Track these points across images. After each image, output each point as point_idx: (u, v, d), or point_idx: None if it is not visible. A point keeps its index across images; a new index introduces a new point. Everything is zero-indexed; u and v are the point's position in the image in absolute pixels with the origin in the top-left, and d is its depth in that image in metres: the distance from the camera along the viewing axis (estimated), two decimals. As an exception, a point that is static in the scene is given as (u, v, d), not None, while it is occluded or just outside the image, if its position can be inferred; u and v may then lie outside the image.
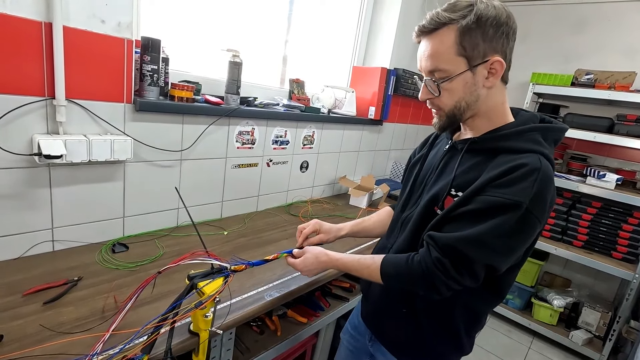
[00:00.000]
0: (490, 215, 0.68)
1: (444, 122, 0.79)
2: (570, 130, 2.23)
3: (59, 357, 0.72)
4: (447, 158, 0.85)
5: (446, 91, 0.74)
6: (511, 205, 0.66)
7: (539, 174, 0.67)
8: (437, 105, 0.78)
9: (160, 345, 0.77)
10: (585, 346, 2.24)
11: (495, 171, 0.70)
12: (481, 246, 0.68)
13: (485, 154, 0.76)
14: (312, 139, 1.89)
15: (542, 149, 0.71)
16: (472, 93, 0.74)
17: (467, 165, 0.78)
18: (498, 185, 0.68)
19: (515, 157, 0.70)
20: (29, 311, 0.84)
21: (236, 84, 1.43)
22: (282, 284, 1.13)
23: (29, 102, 0.95)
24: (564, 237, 2.36)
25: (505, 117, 0.79)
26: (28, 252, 1.06)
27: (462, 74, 0.72)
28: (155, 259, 1.15)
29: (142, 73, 1.18)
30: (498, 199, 0.67)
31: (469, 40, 0.70)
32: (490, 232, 0.67)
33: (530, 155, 0.70)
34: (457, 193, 0.76)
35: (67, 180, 1.08)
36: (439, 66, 0.73)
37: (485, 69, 0.72)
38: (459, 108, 0.75)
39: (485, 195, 0.69)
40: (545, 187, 0.67)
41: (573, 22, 2.51)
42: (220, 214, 1.58)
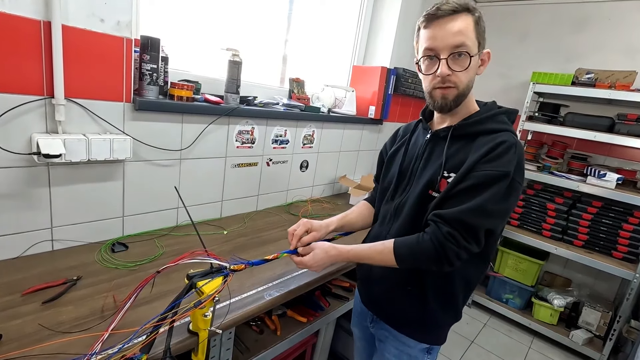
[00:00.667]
0: (486, 187, 0.78)
1: (452, 101, 0.85)
2: (570, 129, 2.25)
3: (58, 357, 0.72)
4: (431, 146, 0.93)
5: (466, 69, 0.82)
6: (501, 175, 0.78)
7: (516, 147, 0.81)
8: (453, 82, 0.83)
9: (159, 345, 0.76)
10: (585, 346, 2.24)
11: (482, 150, 0.81)
12: (483, 214, 0.79)
13: (466, 137, 0.87)
14: (312, 138, 1.89)
15: (510, 128, 0.86)
16: (473, 77, 0.85)
17: (453, 149, 0.87)
18: (487, 160, 0.79)
19: (494, 137, 0.82)
20: (27, 310, 0.84)
21: (236, 83, 1.43)
22: (281, 284, 1.13)
23: (27, 101, 0.95)
24: (565, 236, 2.36)
25: (474, 105, 0.92)
26: (27, 251, 1.06)
27: (476, 56, 0.83)
28: (155, 258, 1.15)
29: (142, 72, 1.17)
30: (490, 172, 0.78)
31: (478, 30, 0.83)
32: (488, 201, 0.78)
33: (505, 133, 0.83)
34: (450, 174, 0.85)
35: (66, 179, 1.08)
36: (466, 42, 0.80)
37: (480, 57, 0.85)
38: (468, 87, 0.85)
39: (479, 171, 0.79)
40: (522, 157, 0.82)
41: (573, 21, 2.51)
42: (220, 214, 1.57)
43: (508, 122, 0.87)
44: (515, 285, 2.55)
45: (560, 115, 2.46)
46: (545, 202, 2.41)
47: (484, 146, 0.81)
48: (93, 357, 0.71)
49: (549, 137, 2.62)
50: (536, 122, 2.40)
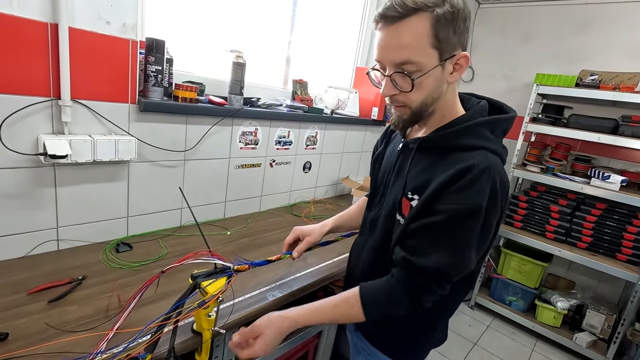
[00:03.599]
0: (458, 227, 0.69)
1: (407, 120, 0.75)
2: (574, 131, 2.24)
3: (64, 356, 0.73)
4: (401, 158, 0.83)
5: (417, 86, 0.69)
6: (472, 211, 0.67)
7: (490, 172, 0.68)
8: (402, 102, 0.73)
9: (163, 345, 0.77)
10: (589, 348, 2.23)
11: (447, 174, 0.69)
12: (459, 263, 0.70)
13: (436, 152, 0.75)
14: (315, 139, 1.89)
15: (489, 145, 0.72)
16: (437, 89, 0.71)
17: (419, 167, 0.77)
18: (454, 191, 0.68)
19: (465, 156, 0.70)
20: (33, 309, 0.85)
21: (240, 84, 1.44)
22: (284, 284, 1.13)
23: (34, 102, 0.96)
24: (568, 238, 2.35)
25: (455, 110, 0.77)
26: (33, 251, 1.07)
27: (433, 69, 0.68)
28: (159, 258, 1.16)
29: (147, 74, 1.18)
30: (458, 207, 0.67)
31: (443, 31, 0.65)
32: (462, 245, 0.70)
33: (478, 153, 0.70)
34: (413, 196, 0.75)
35: (71, 179, 1.09)
36: (412, 58, 0.66)
37: (451, 63, 0.70)
38: (426, 104, 0.72)
39: (446, 205, 0.68)
40: (497, 183, 0.69)
41: (578, 23, 2.50)
42: (224, 214, 1.58)
43: (489, 135, 0.73)
44: (518, 287, 2.54)
45: (564, 116, 2.45)
46: (549, 204, 2.40)
47: (450, 168, 0.69)
48: (98, 356, 0.71)
49: (552, 139, 2.61)
50: (540, 124, 2.40)
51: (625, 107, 2.30)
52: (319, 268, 1.27)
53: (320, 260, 1.32)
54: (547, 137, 2.64)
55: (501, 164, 0.72)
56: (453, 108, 0.77)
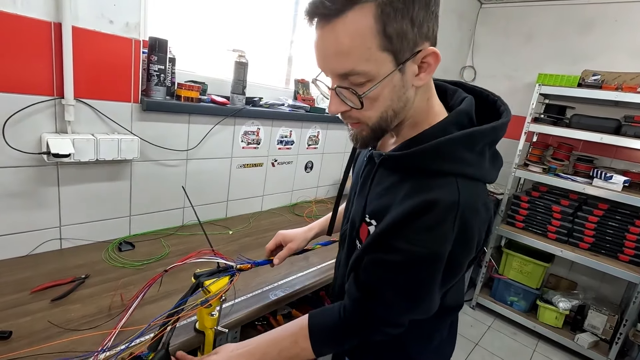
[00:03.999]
0: (414, 271, 0.58)
1: (368, 137, 0.62)
2: (576, 131, 2.23)
3: (67, 354, 0.73)
4: (366, 171, 0.71)
5: (369, 100, 0.55)
6: (434, 257, 0.56)
7: (458, 210, 0.54)
8: (356, 118, 0.59)
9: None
10: (591, 349, 2.22)
11: (408, 206, 0.56)
12: (418, 307, 0.62)
13: (401, 171, 0.62)
14: (317, 139, 1.89)
15: (462, 169, 0.57)
16: (400, 98, 0.57)
17: (381, 187, 0.64)
18: (413, 230, 0.56)
19: (430, 185, 0.57)
20: (37, 308, 0.85)
21: (242, 84, 1.44)
22: (286, 284, 1.13)
23: (38, 101, 0.97)
24: (570, 239, 2.34)
25: (431, 117, 0.62)
26: (36, 249, 1.07)
27: (388, 77, 0.53)
28: (161, 257, 1.16)
29: (149, 73, 1.18)
30: (417, 250, 0.56)
31: (395, 26, 0.50)
32: (420, 290, 0.60)
33: (447, 182, 0.56)
34: (371, 221, 0.64)
35: (74, 178, 1.09)
36: (356, 68, 0.52)
37: (415, 63, 0.54)
38: (385, 119, 0.58)
39: (403, 243, 0.57)
40: (468, 221, 0.56)
41: (580, 23, 2.50)
42: (226, 213, 1.58)
43: (465, 156, 0.57)
44: (520, 287, 2.53)
45: (566, 117, 2.45)
46: (551, 204, 2.39)
47: (412, 198, 0.57)
48: (102, 354, 0.72)
49: (554, 139, 2.60)
50: (542, 124, 2.39)
51: (628, 107, 2.30)
52: (320, 267, 1.28)
53: (322, 260, 1.32)
54: (549, 137, 2.64)
55: (476, 190, 0.58)
56: (428, 113, 0.62)
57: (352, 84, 0.54)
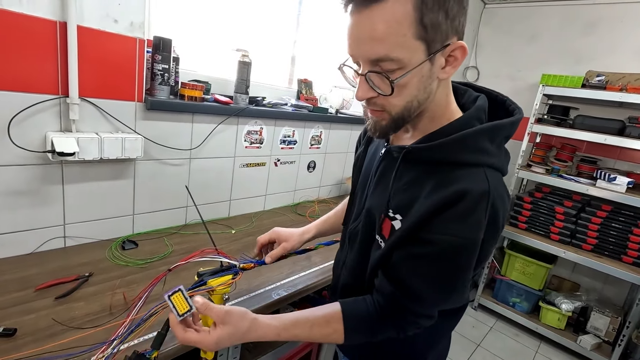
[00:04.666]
0: (449, 261, 0.59)
1: (387, 127, 0.62)
2: (580, 132, 2.22)
3: (72, 351, 0.73)
4: (383, 166, 0.71)
5: (398, 87, 0.55)
6: (467, 245, 0.58)
7: (489, 198, 0.56)
8: (381, 106, 0.59)
9: (169, 342, 0.77)
10: (594, 351, 2.21)
11: (437, 198, 0.57)
12: (452, 299, 0.64)
13: (424, 165, 0.63)
14: (319, 139, 1.89)
15: (487, 159, 0.60)
16: (425, 89, 0.57)
17: (404, 181, 0.65)
18: (446, 220, 0.57)
19: (458, 176, 0.58)
20: (41, 306, 0.86)
21: (245, 83, 1.44)
22: (289, 283, 1.13)
23: (43, 100, 0.97)
24: (573, 240, 2.33)
25: (448, 112, 0.64)
26: (40, 247, 1.08)
27: (419, 66, 0.54)
28: (164, 256, 1.16)
29: (153, 72, 1.19)
30: (451, 239, 0.57)
31: (432, 17, 0.51)
32: (456, 280, 0.62)
33: (475, 172, 0.58)
34: (395, 215, 0.64)
35: (79, 177, 1.10)
36: (390, 54, 0.52)
37: (443, 56, 0.56)
38: (409, 109, 0.59)
39: (436, 235, 0.58)
40: (497, 210, 0.58)
41: (584, 23, 2.48)
42: (228, 213, 1.58)
43: (488, 147, 0.60)
44: (522, 288, 2.53)
45: (569, 117, 2.44)
46: (554, 205, 2.38)
47: (441, 190, 0.58)
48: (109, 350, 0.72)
49: (557, 140, 2.59)
50: (545, 125, 2.38)
51: (632, 108, 2.29)
52: (322, 267, 1.28)
53: (324, 259, 1.32)
54: (553, 138, 2.63)
55: (501, 180, 0.62)
56: (446, 108, 0.64)
57: (383, 69, 0.55)
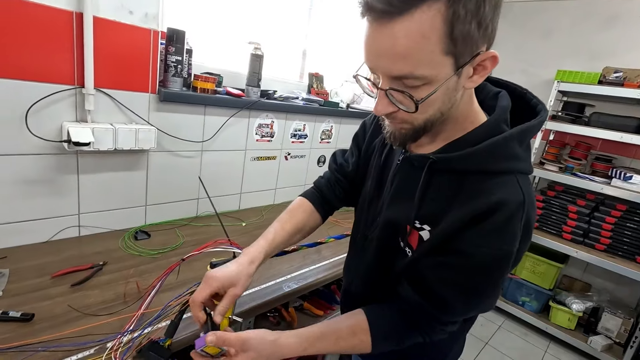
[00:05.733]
0: (483, 273, 0.58)
1: (408, 137, 0.59)
2: (595, 129, 2.18)
3: (87, 338, 0.74)
4: (401, 175, 0.67)
5: (422, 106, 0.52)
6: (503, 256, 0.56)
7: (524, 208, 0.55)
8: (401, 119, 0.56)
9: (182, 331, 0.78)
10: (604, 352, 2.18)
11: (470, 209, 0.55)
12: (483, 308, 0.63)
13: (451, 174, 0.60)
14: (330, 133, 1.89)
15: (518, 165, 0.58)
16: (450, 100, 0.54)
17: (430, 191, 0.62)
18: (480, 233, 0.55)
19: (491, 186, 0.55)
20: (57, 292, 0.87)
21: (257, 76, 1.44)
22: (299, 276, 1.14)
23: (59, 90, 0.98)
24: (586, 239, 2.29)
25: (471, 116, 0.60)
26: (56, 236, 1.09)
27: (447, 80, 0.50)
28: (176, 247, 1.18)
29: (167, 64, 1.19)
30: (486, 251, 0.55)
31: (462, 29, 0.45)
32: (488, 291, 0.61)
33: (508, 181, 0.56)
34: (423, 226, 0.62)
35: (93, 167, 1.11)
36: (415, 72, 0.48)
37: (472, 66, 0.51)
38: (432, 121, 0.56)
39: (471, 247, 0.56)
40: (531, 218, 0.57)
41: (602, 18, 2.42)
42: (239, 205, 1.59)
43: (518, 151, 0.57)
44: (532, 288, 2.50)
45: (585, 115, 2.39)
46: (567, 204, 2.34)
47: (473, 201, 0.55)
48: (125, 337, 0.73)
49: (572, 138, 2.54)
50: (560, 122, 2.34)
51: (651, 105, 2.23)
52: (333, 261, 1.27)
53: (334, 253, 1.32)
54: (567, 136, 2.58)
55: (530, 184, 0.61)
56: (469, 112, 0.60)
57: (406, 86, 0.50)
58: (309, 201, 0.88)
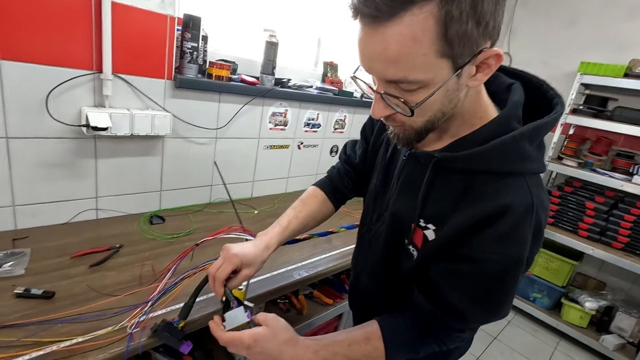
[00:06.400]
0: (494, 280, 0.56)
1: (410, 138, 0.58)
2: (618, 124, 2.11)
3: (104, 316, 0.77)
4: (407, 171, 0.66)
5: (419, 110, 0.51)
6: (513, 263, 0.54)
7: (533, 212, 0.53)
8: (401, 122, 0.55)
9: (194, 313, 0.80)
10: (616, 352, 2.15)
11: (476, 213, 0.54)
12: (496, 315, 0.60)
13: (456, 173, 0.58)
14: (343, 123, 1.87)
15: (528, 166, 0.55)
16: (451, 100, 0.52)
17: (435, 190, 0.60)
18: (488, 238, 0.53)
19: (498, 188, 0.53)
20: (76, 272, 0.90)
21: (272, 64, 1.43)
22: (310, 264, 1.15)
23: (78, 75, 1.00)
24: (603, 237, 2.24)
25: (481, 111, 0.57)
26: (74, 218, 1.12)
27: (445, 82, 0.48)
28: (190, 232, 1.20)
29: (182, 50, 1.19)
30: (495, 257, 0.53)
31: (459, 29, 0.43)
32: (500, 298, 0.58)
33: (515, 183, 0.54)
34: (427, 225, 0.60)
35: (110, 152, 1.13)
36: (408, 76, 0.47)
37: (473, 64, 0.49)
38: (433, 122, 0.55)
39: (478, 253, 0.54)
40: (541, 221, 0.55)
41: (629, 7, 2.31)
42: (251, 193, 1.61)
43: (529, 150, 0.54)
44: (544, 284, 2.46)
45: (607, 109, 2.31)
46: (584, 200, 2.29)
47: (479, 203, 0.54)
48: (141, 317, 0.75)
49: (593, 133, 2.47)
50: (581, 116, 2.27)
51: (679, 100, 2.14)
52: (343, 251, 1.28)
53: (344, 243, 1.33)
54: (587, 130, 2.50)
55: (541, 184, 0.57)
56: (477, 109, 0.57)
57: (401, 90, 0.50)
58: (322, 190, 0.90)
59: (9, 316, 0.72)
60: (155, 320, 0.76)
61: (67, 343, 0.68)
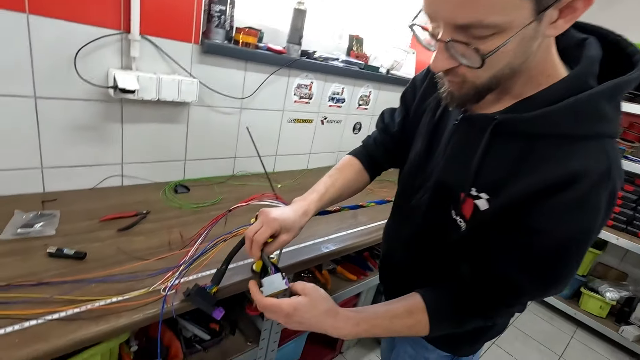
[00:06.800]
0: (560, 253, 0.51)
1: (468, 97, 0.52)
2: (655, 109, 2.00)
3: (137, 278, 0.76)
4: (458, 137, 0.60)
5: (490, 61, 0.44)
6: (584, 236, 0.49)
7: (610, 177, 0.47)
8: (462, 76, 0.49)
9: (226, 280, 0.78)
10: (636, 342, 2.11)
11: (543, 179, 0.48)
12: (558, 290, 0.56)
13: (520, 137, 0.51)
14: (368, 99, 1.82)
15: (607, 128, 0.48)
16: (524, 52, 0.46)
17: (493, 156, 0.54)
18: (556, 207, 0.48)
19: (571, 153, 0.47)
20: (106, 235, 0.89)
21: (299, 33, 1.38)
22: (336, 239, 1.12)
23: (106, 34, 0.96)
24: (629, 227, 2.17)
25: (549, 67, 0.50)
26: (101, 184, 1.11)
27: (522, 29, 0.42)
28: (215, 202, 1.18)
29: (210, 14, 1.15)
30: (564, 229, 0.48)
31: None
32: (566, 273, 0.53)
33: (593, 147, 0.47)
34: (480, 194, 0.55)
35: (136, 117, 1.11)
36: (485, 19, 0.41)
37: (557, 8, 0.42)
38: (498, 78, 0.48)
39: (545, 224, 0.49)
40: (616, 190, 0.48)
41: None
42: (273, 168, 1.58)
43: (607, 111, 0.48)
44: (563, 272, 2.42)
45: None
46: (612, 188, 2.21)
47: (547, 169, 0.48)
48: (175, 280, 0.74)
49: (626, 118, 2.35)
50: (615, 100, 2.16)
51: None
52: (369, 227, 1.25)
53: (370, 219, 1.30)
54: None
55: (617, 148, 0.50)
56: (545, 66, 0.50)
57: (473, 37, 0.43)
58: (358, 160, 0.86)
59: (43, 274, 0.72)
60: (188, 285, 0.74)
61: (101, 302, 0.68)
